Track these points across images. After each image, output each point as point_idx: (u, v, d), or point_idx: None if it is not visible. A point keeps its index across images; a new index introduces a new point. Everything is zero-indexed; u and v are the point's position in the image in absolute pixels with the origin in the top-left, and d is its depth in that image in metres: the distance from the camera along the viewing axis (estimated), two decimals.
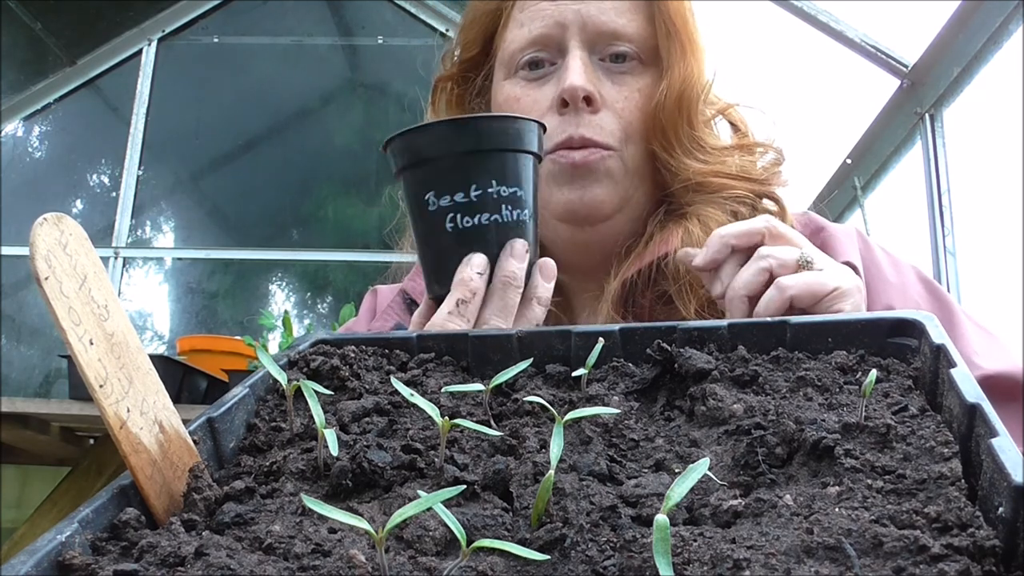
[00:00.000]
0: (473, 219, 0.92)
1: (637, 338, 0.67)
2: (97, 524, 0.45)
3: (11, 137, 5.69)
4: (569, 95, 1.10)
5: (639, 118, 1.13)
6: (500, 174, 0.93)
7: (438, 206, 0.93)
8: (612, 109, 1.13)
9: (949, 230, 3.14)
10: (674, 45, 1.13)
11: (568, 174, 1.12)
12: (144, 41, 5.60)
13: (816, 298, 0.89)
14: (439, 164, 0.93)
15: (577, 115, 1.11)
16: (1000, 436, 0.43)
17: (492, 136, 0.93)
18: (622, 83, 1.14)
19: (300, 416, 0.59)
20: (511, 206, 0.93)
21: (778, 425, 0.53)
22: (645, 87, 1.14)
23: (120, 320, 0.51)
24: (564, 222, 1.16)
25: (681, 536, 0.42)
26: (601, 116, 1.12)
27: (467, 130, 0.94)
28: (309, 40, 5.76)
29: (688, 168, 1.12)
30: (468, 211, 0.92)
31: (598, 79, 1.13)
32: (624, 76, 1.14)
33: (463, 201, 0.92)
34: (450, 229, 0.92)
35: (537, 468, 0.51)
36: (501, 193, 0.92)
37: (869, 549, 0.39)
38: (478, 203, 0.92)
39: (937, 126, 3.24)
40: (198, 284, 5.64)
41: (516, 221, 0.94)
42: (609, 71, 1.14)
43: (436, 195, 0.93)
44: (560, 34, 1.14)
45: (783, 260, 0.92)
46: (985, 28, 2.89)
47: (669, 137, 1.13)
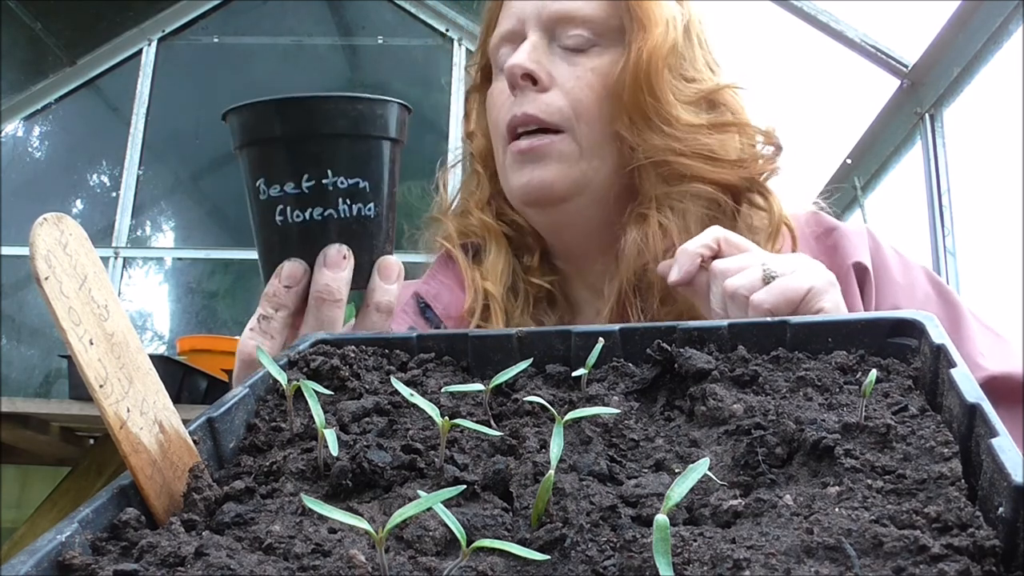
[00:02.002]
0: (304, 213, 0.83)
1: (637, 338, 0.67)
2: (97, 524, 0.45)
3: (11, 137, 5.69)
4: (509, 75, 1.10)
5: (591, 96, 1.10)
6: (338, 163, 0.83)
7: (268, 195, 0.83)
8: (562, 88, 1.10)
9: (949, 230, 3.14)
10: (632, 22, 1.10)
11: (518, 161, 1.12)
12: (144, 41, 5.60)
13: (793, 305, 0.87)
14: (268, 148, 0.83)
15: (523, 95, 1.10)
16: (1000, 436, 0.43)
17: (331, 119, 0.83)
18: (576, 64, 1.12)
19: (300, 416, 0.59)
20: (350, 200, 0.83)
21: (778, 425, 0.53)
22: (601, 66, 1.11)
23: (120, 320, 0.51)
24: (526, 207, 1.16)
25: (681, 536, 0.42)
26: (549, 95, 1.10)
27: (302, 110, 0.83)
28: (309, 40, 5.76)
29: (652, 145, 1.07)
30: (299, 204, 0.83)
31: (552, 62, 1.12)
32: (579, 58, 1.12)
33: (294, 192, 0.82)
34: (280, 223, 0.83)
35: (537, 468, 0.51)
36: (338, 185, 0.83)
37: (869, 549, 0.39)
38: (311, 196, 0.82)
39: (937, 126, 3.24)
40: (198, 284, 5.64)
41: (355, 217, 0.84)
42: (565, 55, 1.13)
43: (267, 182, 0.83)
44: (521, 28, 1.15)
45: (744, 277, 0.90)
46: (985, 28, 2.89)
47: (631, 111, 1.08)
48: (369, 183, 0.85)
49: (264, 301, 0.85)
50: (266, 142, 0.83)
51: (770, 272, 0.89)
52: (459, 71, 5.48)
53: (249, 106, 0.84)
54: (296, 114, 0.83)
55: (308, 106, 0.83)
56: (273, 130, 0.83)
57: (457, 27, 5.58)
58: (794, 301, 0.87)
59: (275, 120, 0.83)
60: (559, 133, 1.10)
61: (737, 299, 0.90)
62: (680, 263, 0.96)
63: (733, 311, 0.90)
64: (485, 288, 1.13)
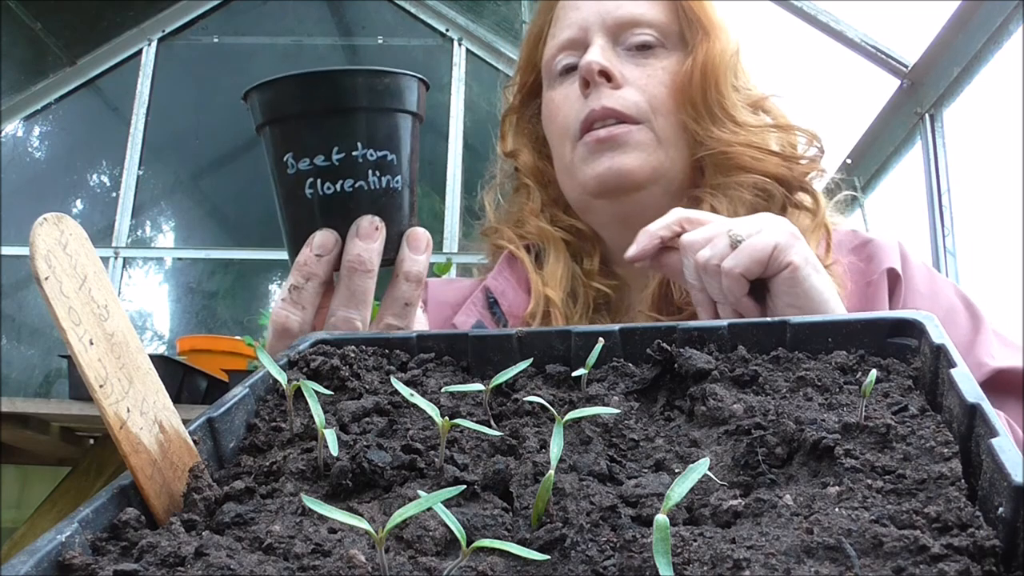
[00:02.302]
0: (335, 185, 0.83)
1: (637, 338, 0.67)
2: (97, 524, 0.45)
3: (11, 137, 5.69)
4: (585, 71, 1.14)
5: (664, 92, 1.16)
6: (367, 136, 0.84)
7: (297, 169, 0.84)
8: (635, 85, 1.16)
9: (949, 230, 3.14)
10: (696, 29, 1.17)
11: (596, 149, 1.15)
12: (144, 41, 5.61)
13: (762, 264, 0.89)
14: (298, 122, 0.84)
15: (598, 91, 1.15)
16: (1000, 436, 0.43)
17: (359, 92, 0.84)
18: (645, 65, 1.18)
19: (300, 416, 0.59)
20: (379, 171, 0.84)
21: (778, 425, 0.53)
22: (669, 66, 1.18)
23: (120, 320, 0.51)
24: (599, 197, 1.17)
25: (681, 536, 0.42)
26: (624, 91, 1.15)
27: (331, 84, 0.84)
28: (309, 40, 5.76)
29: (716, 137, 1.14)
30: (330, 176, 0.83)
31: (621, 63, 1.17)
32: (647, 60, 1.18)
33: (324, 165, 0.83)
34: (310, 196, 0.84)
35: (537, 468, 0.51)
36: (368, 157, 0.84)
37: (869, 549, 0.39)
38: (341, 167, 0.83)
39: (937, 126, 3.24)
40: (198, 284, 5.64)
41: (385, 188, 0.85)
42: (632, 57, 1.18)
43: (295, 157, 0.84)
44: (584, 35, 1.20)
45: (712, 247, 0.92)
46: (985, 28, 2.89)
47: (698, 105, 1.15)
48: (396, 156, 0.86)
49: (295, 271, 0.85)
50: (294, 117, 0.84)
51: (736, 236, 0.91)
52: (459, 71, 5.48)
53: (274, 82, 0.84)
54: (325, 88, 0.84)
55: (336, 80, 0.84)
56: (301, 105, 0.84)
57: (457, 27, 5.59)
58: (762, 261, 0.89)
59: (303, 94, 0.84)
60: (636, 124, 1.15)
61: (709, 269, 0.91)
62: (639, 241, 0.97)
63: (709, 283, 0.92)
64: (546, 294, 1.16)
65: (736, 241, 0.90)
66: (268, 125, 0.86)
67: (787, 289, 0.89)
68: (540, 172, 1.29)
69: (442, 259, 4.72)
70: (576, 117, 1.17)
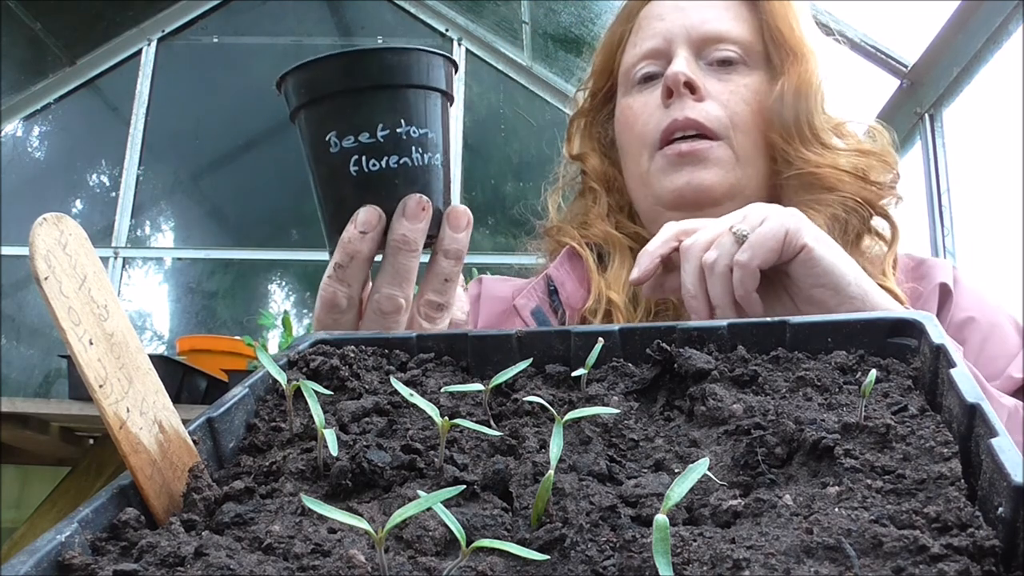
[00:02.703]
0: (380, 162, 0.84)
1: (637, 338, 0.67)
2: (97, 524, 0.45)
3: (11, 137, 5.69)
4: (671, 81, 1.15)
5: (746, 110, 1.17)
6: (410, 113, 0.84)
7: (340, 147, 0.84)
8: (717, 100, 1.17)
9: (949, 230, 3.14)
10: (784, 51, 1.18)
11: (676, 163, 1.16)
12: (144, 41, 5.60)
13: (777, 252, 0.88)
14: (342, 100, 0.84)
15: (681, 101, 1.16)
16: (1000, 436, 0.43)
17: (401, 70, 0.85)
18: (727, 80, 1.18)
19: (300, 416, 0.59)
20: (421, 148, 0.85)
21: (778, 425, 0.53)
22: (752, 84, 1.18)
23: (120, 320, 0.51)
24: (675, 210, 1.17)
25: (681, 536, 0.42)
26: (706, 104, 1.16)
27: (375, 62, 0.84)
28: (309, 40, 5.76)
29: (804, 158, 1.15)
30: (375, 153, 0.84)
31: (703, 76, 1.18)
32: (729, 76, 1.19)
33: (369, 142, 0.83)
34: (355, 173, 0.84)
35: (537, 468, 0.51)
36: (411, 134, 0.84)
37: (869, 549, 0.39)
38: (386, 144, 0.83)
39: (937, 126, 3.24)
40: (197, 284, 5.64)
41: (427, 165, 0.86)
42: (715, 72, 1.19)
43: (339, 135, 0.84)
44: (667, 47, 1.21)
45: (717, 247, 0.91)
46: (985, 28, 2.89)
47: (789, 127, 1.16)
48: (436, 133, 0.87)
49: (340, 249, 0.85)
50: (337, 95, 0.84)
51: (741, 232, 0.90)
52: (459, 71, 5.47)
53: (315, 62, 0.85)
54: (369, 66, 0.84)
55: (380, 57, 0.84)
56: (345, 82, 0.84)
57: (457, 27, 5.59)
58: (776, 249, 0.88)
59: (346, 73, 0.84)
60: (716, 140, 1.15)
61: (717, 270, 0.90)
62: (639, 263, 0.97)
63: (712, 285, 0.91)
64: (609, 296, 1.17)
65: (742, 237, 0.90)
66: (307, 106, 0.86)
67: (807, 271, 0.89)
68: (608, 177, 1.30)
69: None
70: (656, 126, 1.17)
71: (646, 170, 1.20)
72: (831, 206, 1.14)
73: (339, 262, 0.85)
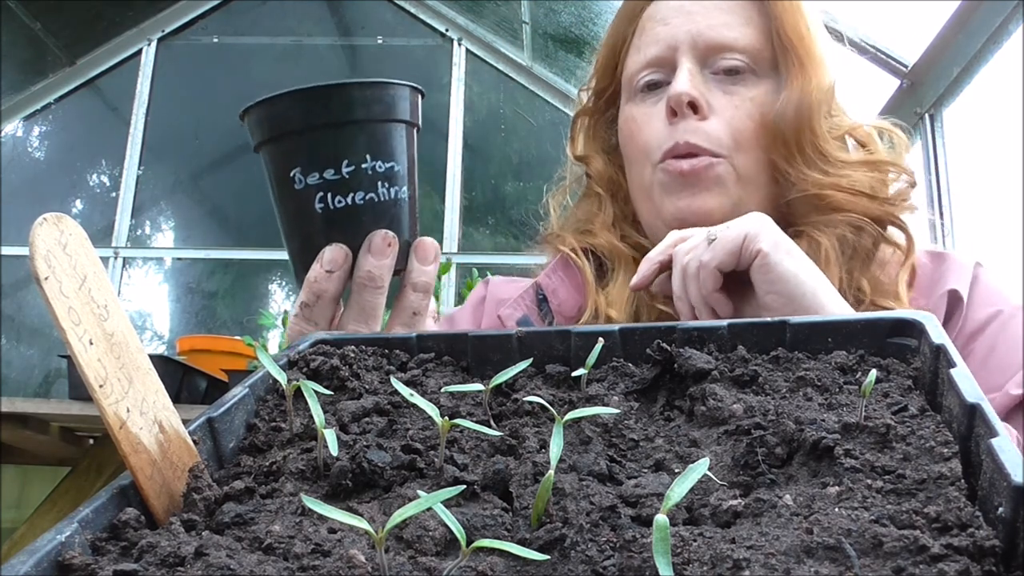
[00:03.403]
0: (346, 198, 0.84)
1: (637, 338, 0.67)
2: (97, 524, 0.45)
3: (11, 137, 5.69)
4: (674, 101, 1.12)
5: (750, 127, 1.13)
6: (375, 148, 0.84)
7: (305, 184, 0.84)
8: (721, 117, 1.13)
9: (949, 230, 3.14)
10: (791, 58, 1.13)
11: (678, 183, 1.12)
12: (144, 41, 5.61)
13: (735, 255, 0.90)
14: (306, 137, 0.84)
15: (684, 122, 1.12)
16: (1000, 436, 0.43)
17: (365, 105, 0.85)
18: (733, 93, 1.14)
19: (300, 416, 0.59)
20: (388, 183, 0.85)
21: (778, 425, 0.53)
22: (758, 96, 1.14)
23: (120, 320, 0.51)
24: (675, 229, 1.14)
25: (681, 536, 0.42)
26: (709, 123, 1.12)
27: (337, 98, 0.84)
28: (309, 40, 5.76)
29: (808, 179, 1.11)
30: (340, 189, 0.84)
31: (708, 90, 1.14)
32: (735, 87, 1.14)
33: (334, 178, 0.83)
34: (320, 210, 0.84)
35: (537, 468, 0.51)
36: (377, 169, 0.84)
37: (869, 549, 0.39)
38: (351, 180, 0.83)
39: (937, 126, 3.24)
40: (198, 284, 5.64)
41: (394, 199, 0.85)
42: (720, 83, 1.15)
43: (303, 172, 0.84)
44: (672, 55, 1.16)
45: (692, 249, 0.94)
46: (985, 28, 2.89)
47: (790, 146, 1.11)
48: (402, 166, 0.87)
49: (306, 287, 0.85)
50: (300, 132, 0.84)
51: (711, 236, 0.93)
52: (459, 71, 5.48)
53: (278, 98, 0.84)
54: (333, 101, 0.84)
55: (344, 92, 0.84)
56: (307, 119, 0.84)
57: (457, 27, 5.59)
58: (734, 251, 0.90)
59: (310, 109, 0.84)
60: (717, 157, 1.12)
61: (689, 272, 0.93)
62: (640, 270, 0.99)
63: (689, 287, 0.93)
64: (608, 314, 1.14)
65: (711, 239, 0.92)
66: (271, 142, 0.86)
67: (762, 277, 0.90)
68: (614, 183, 1.27)
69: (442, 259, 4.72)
70: (659, 144, 1.14)
71: (649, 184, 1.17)
72: (838, 227, 1.10)
73: (305, 301, 0.85)
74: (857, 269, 1.09)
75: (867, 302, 1.07)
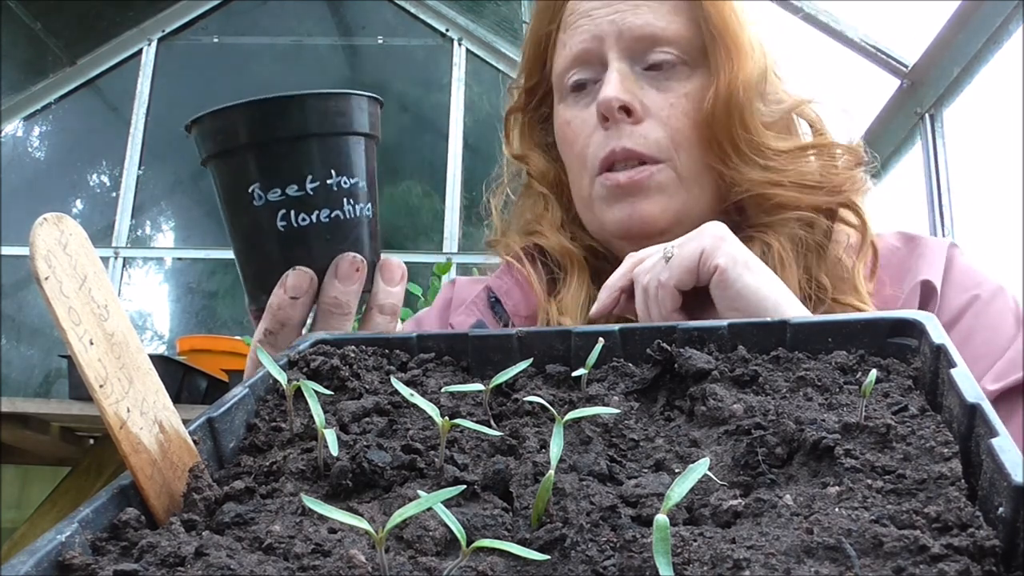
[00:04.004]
0: (311, 216, 0.79)
1: (637, 338, 0.67)
2: (97, 524, 0.45)
3: (11, 137, 5.70)
4: (605, 108, 1.07)
5: (688, 124, 1.08)
6: (340, 162, 0.81)
7: (266, 200, 0.79)
8: (657, 118, 1.08)
9: (949, 230, 3.14)
10: (719, 48, 1.08)
11: (615, 194, 1.09)
12: (144, 41, 5.61)
13: (693, 272, 0.87)
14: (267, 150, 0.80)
15: (618, 127, 1.07)
16: (1000, 436, 0.43)
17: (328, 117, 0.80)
18: (667, 89, 1.09)
19: (300, 416, 0.59)
20: (352, 200, 0.81)
21: (778, 425, 0.53)
22: (693, 91, 1.09)
23: (120, 320, 0.51)
24: (622, 239, 1.12)
25: (681, 536, 0.42)
26: (645, 126, 1.08)
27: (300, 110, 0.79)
28: (309, 40, 5.76)
29: (747, 177, 1.07)
30: (304, 207, 0.79)
31: (640, 88, 1.09)
32: (668, 82, 1.09)
33: (298, 195, 0.79)
34: (283, 228, 0.80)
35: (537, 468, 0.51)
36: (342, 185, 0.80)
37: (869, 549, 0.39)
38: (316, 197, 0.79)
39: (937, 126, 3.24)
40: (198, 284, 5.64)
41: (358, 217, 0.82)
42: (653, 79, 1.10)
43: (263, 188, 0.79)
44: (598, 47, 1.11)
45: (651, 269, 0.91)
46: (985, 28, 2.89)
47: (723, 145, 1.07)
48: (365, 182, 0.83)
49: (269, 315, 0.82)
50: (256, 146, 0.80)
51: (668, 253, 0.90)
52: (459, 71, 5.48)
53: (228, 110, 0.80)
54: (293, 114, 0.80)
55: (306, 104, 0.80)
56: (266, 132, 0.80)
57: (457, 27, 5.59)
58: (692, 269, 0.88)
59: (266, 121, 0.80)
60: (657, 163, 1.07)
61: (649, 293, 0.90)
62: (600, 299, 0.96)
63: (652, 308, 0.90)
64: (561, 323, 1.09)
65: (669, 256, 0.89)
66: (224, 155, 0.82)
67: (721, 293, 0.87)
68: (558, 182, 1.21)
69: (442, 259, 4.72)
70: (595, 153, 1.10)
71: (588, 195, 1.12)
72: (787, 226, 1.06)
73: (269, 328, 0.81)
74: (814, 266, 1.06)
75: (828, 301, 1.03)
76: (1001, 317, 1.04)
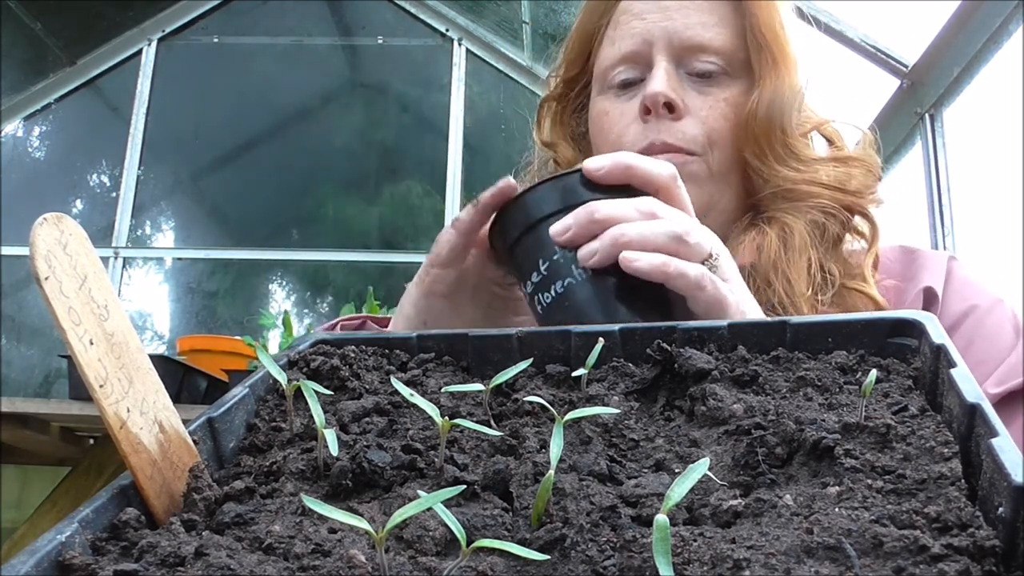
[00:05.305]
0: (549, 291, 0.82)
1: (637, 338, 0.67)
2: (97, 524, 0.45)
3: (11, 137, 5.70)
4: (650, 100, 1.11)
5: (725, 126, 1.13)
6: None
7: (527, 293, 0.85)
8: (696, 117, 1.13)
9: (949, 230, 3.14)
10: (765, 58, 1.14)
11: None
12: (144, 41, 5.61)
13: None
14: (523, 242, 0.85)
15: (659, 122, 1.12)
16: (1000, 436, 0.43)
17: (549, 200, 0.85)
18: (707, 93, 1.15)
19: (300, 416, 0.59)
20: (575, 264, 0.82)
21: (778, 425, 0.53)
22: (732, 97, 1.15)
23: (120, 320, 0.51)
24: None
25: (681, 536, 0.42)
26: (684, 123, 1.13)
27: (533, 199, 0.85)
28: (309, 40, 5.76)
29: (779, 175, 1.12)
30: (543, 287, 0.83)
31: (683, 89, 1.14)
32: (710, 88, 1.15)
33: (538, 280, 0.83)
34: (541, 312, 0.84)
35: (537, 468, 0.51)
36: (567, 254, 0.82)
37: (869, 549, 0.39)
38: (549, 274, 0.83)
39: (937, 126, 3.24)
40: (198, 284, 5.64)
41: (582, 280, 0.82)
42: (695, 83, 1.15)
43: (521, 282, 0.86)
44: (647, 50, 1.16)
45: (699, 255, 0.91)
46: (985, 28, 2.89)
47: (762, 145, 1.12)
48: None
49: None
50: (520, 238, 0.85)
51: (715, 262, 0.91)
52: (459, 71, 5.48)
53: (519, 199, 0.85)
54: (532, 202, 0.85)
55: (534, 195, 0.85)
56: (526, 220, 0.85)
57: (457, 27, 5.59)
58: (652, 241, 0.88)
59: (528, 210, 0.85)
60: (692, 155, 1.13)
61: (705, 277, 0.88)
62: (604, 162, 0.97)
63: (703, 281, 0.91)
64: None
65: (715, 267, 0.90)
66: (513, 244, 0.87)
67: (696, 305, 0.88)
68: None
69: None
70: (632, 143, 1.14)
71: None
72: (809, 212, 1.12)
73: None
74: (828, 255, 1.11)
75: (837, 284, 1.08)
76: (1000, 327, 1.07)
